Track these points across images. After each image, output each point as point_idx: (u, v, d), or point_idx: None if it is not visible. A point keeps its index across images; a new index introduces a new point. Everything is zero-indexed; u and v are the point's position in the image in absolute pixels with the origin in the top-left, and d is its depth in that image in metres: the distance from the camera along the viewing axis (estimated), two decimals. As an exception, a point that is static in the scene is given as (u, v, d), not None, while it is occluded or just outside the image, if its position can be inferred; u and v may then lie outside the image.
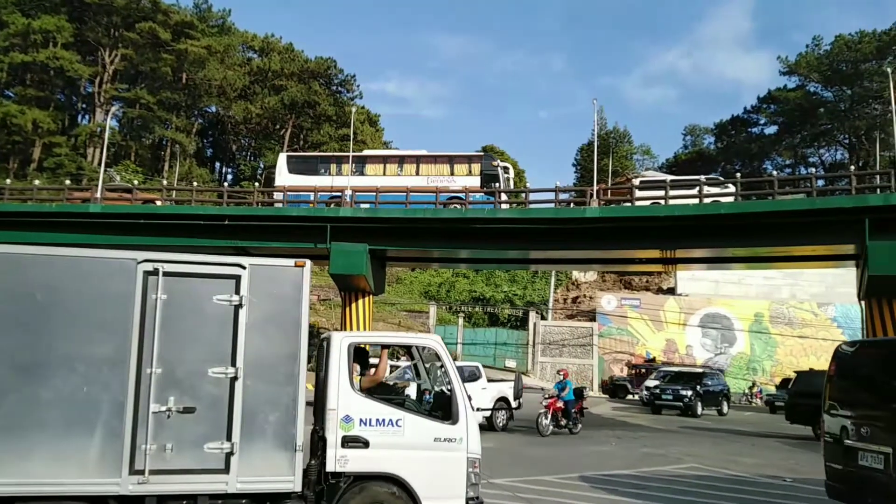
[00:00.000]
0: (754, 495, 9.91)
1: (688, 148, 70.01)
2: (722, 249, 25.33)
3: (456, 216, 26.21)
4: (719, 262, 26.79)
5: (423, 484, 6.15)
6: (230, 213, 27.66)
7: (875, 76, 49.82)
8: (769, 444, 17.32)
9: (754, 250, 25.26)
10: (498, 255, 26.97)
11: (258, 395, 5.84)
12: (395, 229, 26.76)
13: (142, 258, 5.78)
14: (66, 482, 5.39)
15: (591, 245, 25.52)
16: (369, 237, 26.76)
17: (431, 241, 26.61)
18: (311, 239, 27.33)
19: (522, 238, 25.71)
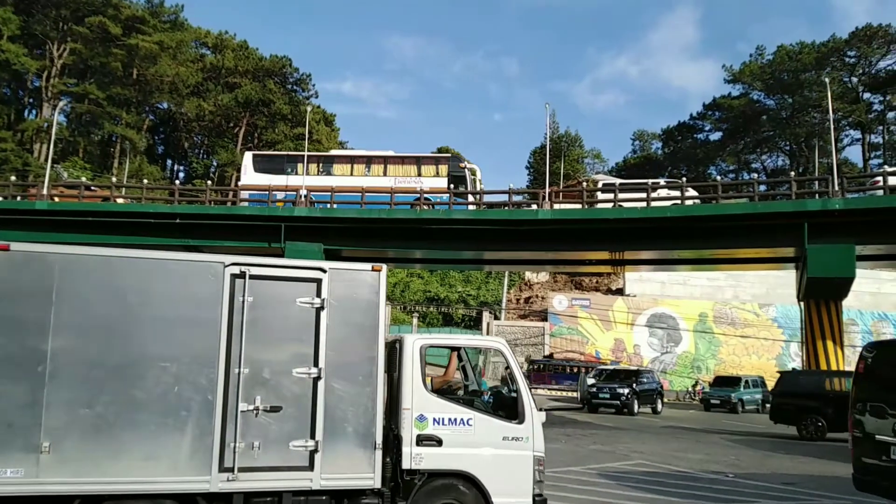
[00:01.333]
0: (700, 490, 10.23)
1: (636, 153, 71.70)
2: (668, 251, 26.07)
3: (410, 216, 26.31)
4: (666, 264, 27.62)
5: (493, 481, 6.30)
6: (182, 212, 27.14)
7: (814, 86, 51.92)
8: (712, 440, 17.89)
9: (699, 252, 26.13)
10: (452, 256, 27.25)
11: (339, 395, 5.98)
12: (350, 229, 26.70)
13: (229, 261, 5.91)
14: (158, 480, 5.47)
15: (543, 246, 25.96)
16: (324, 237, 26.63)
17: (386, 241, 26.63)
18: (265, 238, 27.06)
19: (476, 239, 25.98)
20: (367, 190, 27.70)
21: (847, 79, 55.81)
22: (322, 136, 52.01)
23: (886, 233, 22.54)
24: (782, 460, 13.72)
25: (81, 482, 5.30)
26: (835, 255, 22.40)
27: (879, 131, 57.58)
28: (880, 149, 57.43)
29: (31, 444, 5.21)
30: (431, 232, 26.10)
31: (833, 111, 37.01)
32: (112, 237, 26.09)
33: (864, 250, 23.30)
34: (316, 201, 28.09)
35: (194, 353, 5.69)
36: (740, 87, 60.96)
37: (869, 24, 53.90)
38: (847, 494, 9.52)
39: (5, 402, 5.23)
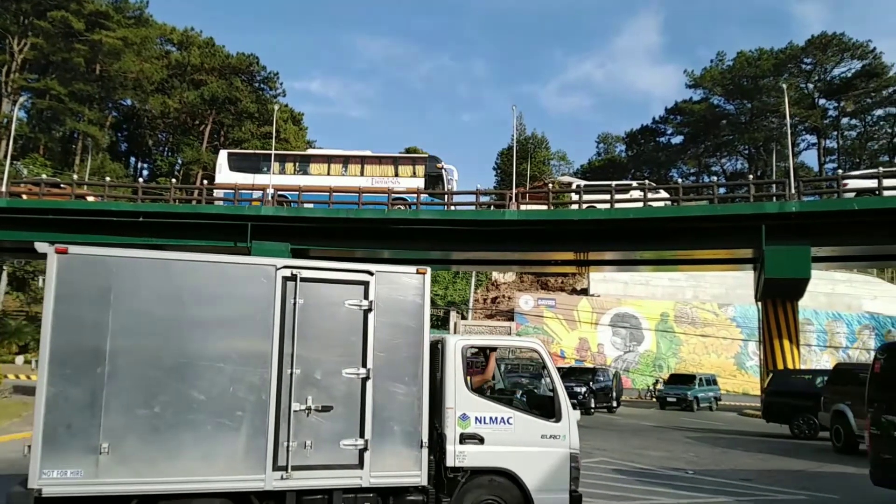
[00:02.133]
0: (661, 486, 10.46)
1: (601, 155, 72.70)
2: (631, 252, 26.57)
3: (377, 217, 26.33)
4: (629, 264, 28.18)
5: (532, 478, 6.46)
6: (145, 210, 26.75)
7: (772, 91, 53.42)
8: (673, 437, 18.26)
9: (661, 253, 26.71)
10: (420, 256, 27.34)
11: (387, 395, 6.09)
12: (318, 229, 26.61)
13: (281, 264, 6.01)
14: (214, 479, 5.53)
15: (510, 247, 26.22)
16: (292, 236, 26.50)
17: (355, 241, 26.59)
18: (231, 237, 26.80)
19: (444, 239, 26.13)
20: (336, 189, 27.65)
21: (804, 85, 57.50)
22: (290, 135, 51.57)
23: (840, 235, 23.37)
24: (740, 457, 14.05)
25: (139, 482, 5.36)
26: (791, 256, 23.14)
27: (834, 136, 59.51)
28: (835, 153, 59.35)
29: (91, 445, 5.25)
30: (399, 232, 26.18)
31: (790, 116, 38.12)
32: (72, 235, 25.54)
33: (819, 252, 24.12)
34: (293, 201, 27.97)
35: (248, 354, 5.78)
36: (701, 92, 62.38)
37: (824, 32, 55.73)
38: (800, 489, 9.85)
39: (65, 403, 5.24)
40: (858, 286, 40.98)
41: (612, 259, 28.29)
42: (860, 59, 55.10)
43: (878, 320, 39.51)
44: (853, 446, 14.70)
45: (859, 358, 36.07)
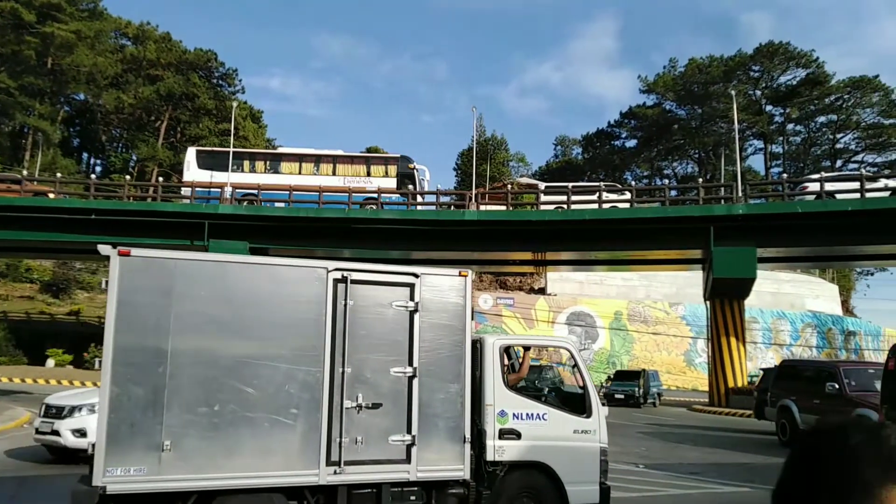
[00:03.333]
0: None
1: (558, 157, 73.81)
2: (587, 252, 27.28)
3: (338, 216, 26.39)
4: (584, 264, 28.88)
5: (566, 471, 6.75)
6: (97, 207, 26.23)
7: (722, 98, 55.05)
8: (625, 432, 18.71)
9: (615, 254, 27.49)
10: (381, 256, 27.54)
11: (432, 392, 6.33)
12: (277, 228, 26.52)
13: (332, 267, 6.21)
14: (271, 474, 5.69)
15: (470, 246, 26.61)
16: (250, 235, 26.35)
17: (315, 240, 26.60)
18: (188, 236, 26.51)
19: (405, 239, 26.36)
20: (296, 188, 27.59)
21: (751, 92, 59.52)
22: (249, 133, 50.84)
23: (784, 236, 24.46)
24: (689, 451, 14.42)
25: (200, 478, 5.47)
26: (738, 256, 24.11)
27: (780, 141, 61.77)
28: (780, 158, 61.65)
29: (154, 442, 5.35)
30: (361, 231, 26.31)
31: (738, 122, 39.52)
32: (18, 233, 25.02)
33: (764, 252, 25.20)
34: (264, 200, 27.78)
35: (302, 354, 5.95)
36: (654, 98, 63.89)
37: (771, 41, 57.82)
38: (746, 482, 10.23)
39: (128, 402, 5.34)
40: (801, 286, 42.70)
41: (569, 259, 28.94)
42: (804, 68, 57.31)
43: (819, 318, 41.29)
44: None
45: (802, 355, 37.64)
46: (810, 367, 16.55)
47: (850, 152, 58.96)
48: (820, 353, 39.21)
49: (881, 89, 55.44)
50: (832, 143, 59.46)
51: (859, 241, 24.47)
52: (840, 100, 56.89)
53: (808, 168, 57.42)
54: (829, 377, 14.53)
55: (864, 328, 44.61)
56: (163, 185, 32.30)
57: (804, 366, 17.02)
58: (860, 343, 42.89)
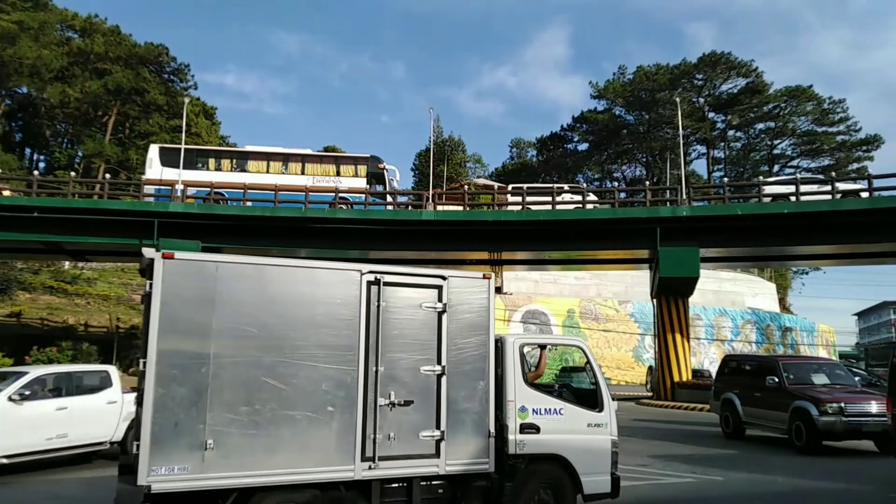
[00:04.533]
0: None
1: (514, 159, 74.85)
2: (541, 252, 27.90)
3: (294, 215, 26.29)
4: (539, 264, 29.54)
5: (581, 462, 7.11)
6: (40, 205, 25.45)
7: (668, 104, 56.94)
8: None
9: (568, 253, 28.24)
10: (338, 255, 27.61)
11: (459, 389, 6.59)
12: (231, 226, 26.22)
13: (366, 269, 6.41)
14: (310, 471, 5.87)
15: (427, 246, 26.91)
16: (203, 234, 25.96)
17: (270, 239, 26.40)
18: (136, 235, 26.02)
19: (362, 238, 26.45)
20: (250, 187, 27.38)
21: (695, 99, 61.67)
22: (202, 130, 49.73)
23: (725, 237, 25.64)
24: (637, 443, 14.59)
25: (242, 475, 5.60)
26: (682, 256, 25.14)
27: (721, 147, 64.19)
28: (722, 163, 64.06)
29: (197, 441, 5.46)
30: (317, 231, 26.27)
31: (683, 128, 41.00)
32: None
33: (707, 252, 26.34)
34: (231, 199, 27.42)
35: (338, 353, 6.14)
36: (605, 103, 65.46)
37: (714, 51, 60.11)
38: (690, 473, 10.70)
39: (172, 402, 5.43)
40: (742, 284, 44.56)
41: (524, 259, 29.51)
42: (745, 77, 59.73)
43: (758, 315, 43.18)
44: (741, 432, 15.44)
45: (743, 350, 39.33)
46: (751, 362, 17.12)
47: (787, 158, 61.75)
48: (759, 348, 41.05)
49: (815, 99, 58.32)
50: (770, 148, 62.10)
51: (795, 241, 25.81)
52: (777, 108, 59.53)
53: (748, 172, 59.83)
54: (770, 371, 14.71)
55: (799, 324, 46.86)
56: (110, 183, 31.51)
57: (746, 360, 17.71)
58: (796, 338, 45.06)
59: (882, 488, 9.80)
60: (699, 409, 22.53)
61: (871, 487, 9.88)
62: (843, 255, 28.65)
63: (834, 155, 58.64)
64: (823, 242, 25.61)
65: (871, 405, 13.01)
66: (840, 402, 12.87)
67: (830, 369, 15.49)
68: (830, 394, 13.40)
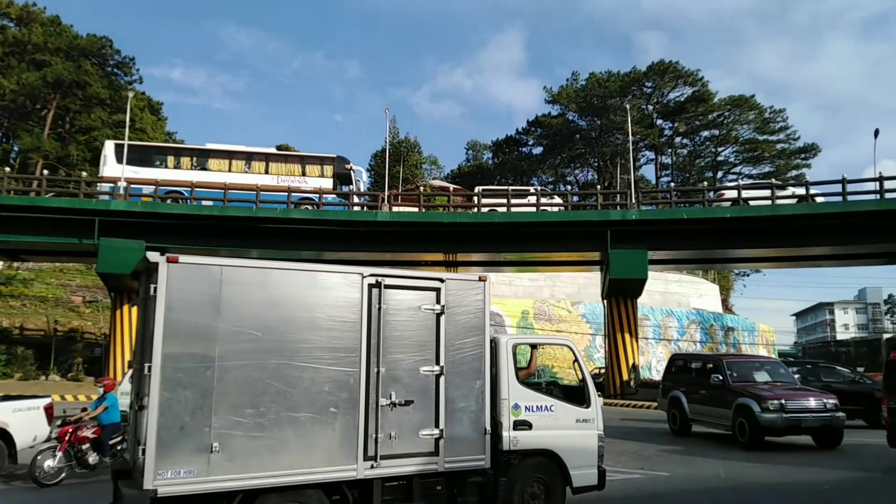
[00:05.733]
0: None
1: (469, 161, 75.15)
2: (496, 254, 28.19)
3: (245, 215, 25.91)
4: (494, 265, 29.79)
5: (570, 456, 7.42)
6: (-30, 202, 24.52)
7: (618, 111, 58.05)
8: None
9: (522, 255, 28.60)
10: (290, 256, 27.35)
11: (456, 389, 6.78)
12: (177, 226, 25.68)
13: (367, 272, 6.54)
14: (314, 471, 5.97)
15: (382, 247, 26.85)
16: (147, 233, 25.38)
17: (219, 239, 25.95)
18: (76, 233, 25.32)
19: (316, 239, 26.21)
20: (198, 185, 26.78)
21: (644, 106, 63.19)
22: (147, 125, 48.24)
23: (671, 240, 26.43)
24: None
25: (247, 477, 5.64)
26: (632, 259, 25.80)
27: (669, 153, 65.93)
28: (669, 168, 65.82)
29: (203, 444, 5.49)
30: (269, 231, 25.94)
31: (632, 134, 41.97)
32: None
33: (654, 255, 27.07)
34: (188, 198, 26.74)
35: (341, 355, 6.23)
36: (558, 108, 66.37)
37: (662, 60, 61.68)
38: (637, 469, 10.96)
39: (177, 406, 5.44)
40: (687, 286, 45.82)
41: (479, 260, 29.74)
42: (691, 86, 61.50)
43: (702, 316, 44.48)
44: (687, 429, 15.84)
45: (688, 349, 40.46)
46: (697, 361, 17.58)
47: (730, 164, 63.84)
48: (703, 347, 42.31)
49: (757, 108, 60.49)
50: (714, 155, 64.08)
51: (736, 245, 26.79)
52: (721, 116, 61.46)
53: (694, 178, 61.66)
54: (714, 369, 15.09)
55: (741, 324, 48.47)
56: (48, 179, 30.35)
57: (692, 359, 18.21)
58: (738, 338, 46.60)
59: (816, 480, 10.25)
60: (647, 406, 23.10)
61: (806, 480, 10.33)
62: (782, 257, 29.81)
63: (774, 162, 60.84)
64: (764, 245, 26.62)
65: (809, 401, 13.57)
66: (781, 399, 13.33)
67: (772, 367, 16.00)
68: (772, 391, 13.88)
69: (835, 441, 13.73)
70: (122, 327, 26.70)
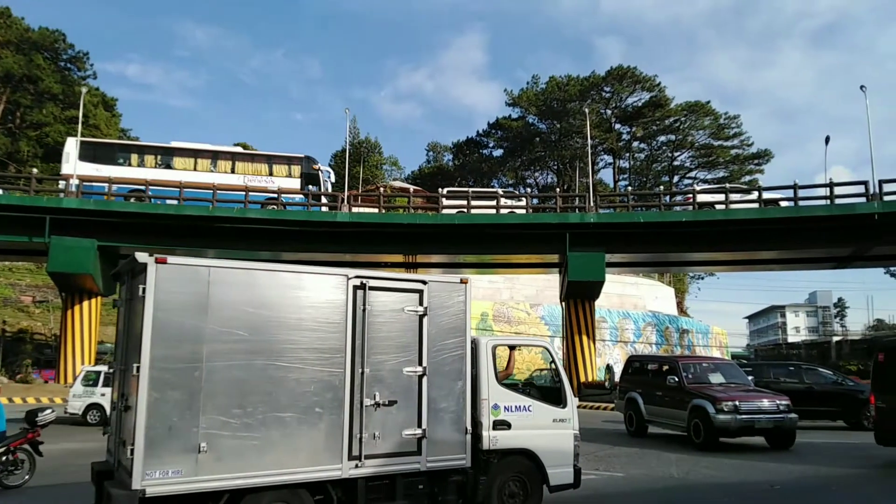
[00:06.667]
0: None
1: (430, 163, 75.22)
2: (455, 255, 28.25)
3: (201, 214, 25.45)
4: (453, 267, 29.81)
5: (547, 455, 7.56)
6: (-85, 199, 23.49)
7: (578, 115, 58.81)
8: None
9: (482, 257, 28.72)
10: (248, 256, 26.93)
11: (438, 389, 6.89)
12: (132, 224, 25.18)
13: (352, 274, 6.61)
14: (299, 470, 6.02)
15: (341, 248, 26.64)
16: (101, 232, 24.87)
17: (175, 238, 25.46)
18: (25, 231, 24.60)
19: (275, 239, 25.88)
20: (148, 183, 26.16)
21: (603, 111, 64.12)
22: (101, 122, 46.85)
23: (628, 243, 26.86)
24: None
25: (234, 477, 5.70)
26: (590, 261, 26.13)
27: (626, 157, 67.08)
28: (627, 172, 66.98)
29: (191, 445, 5.53)
30: (226, 231, 25.52)
31: (591, 138, 42.58)
32: None
33: (612, 258, 27.47)
34: (154, 196, 26.06)
35: (326, 356, 6.30)
36: (519, 111, 66.87)
37: (621, 65, 62.72)
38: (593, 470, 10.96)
39: (165, 406, 5.47)
40: (643, 288, 46.64)
41: (439, 262, 29.75)
42: (649, 91, 62.68)
43: (658, 318, 45.34)
44: (643, 430, 15.99)
45: (644, 350, 41.19)
46: (653, 362, 17.70)
47: (686, 169, 65.29)
48: (659, 349, 43.12)
49: (712, 114, 62.01)
50: (671, 160, 65.45)
51: (691, 248, 27.38)
52: (678, 122, 62.83)
53: (650, 182, 62.84)
54: (671, 371, 15.16)
55: (695, 327, 49.56)
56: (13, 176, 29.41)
57: (648, 361, 18.42)
58: (692, 340, 47.64)
59: (766, 480, 10.51)
60: (603, 408, 23.41)
61: (756, 479, 10.56)
62: (735, 261, 30.59)
63: (728, 167, 62.42)
64: (718, 249, 27.28)
65: (763, 403, 13.83)
66: (735, 401, 13.54)
67: (726, 369, 16.24)
68: (726, 392, 14.08)
69: (787, 442, 13.97)
70: (74, 328, 25.98)
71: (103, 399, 20.09)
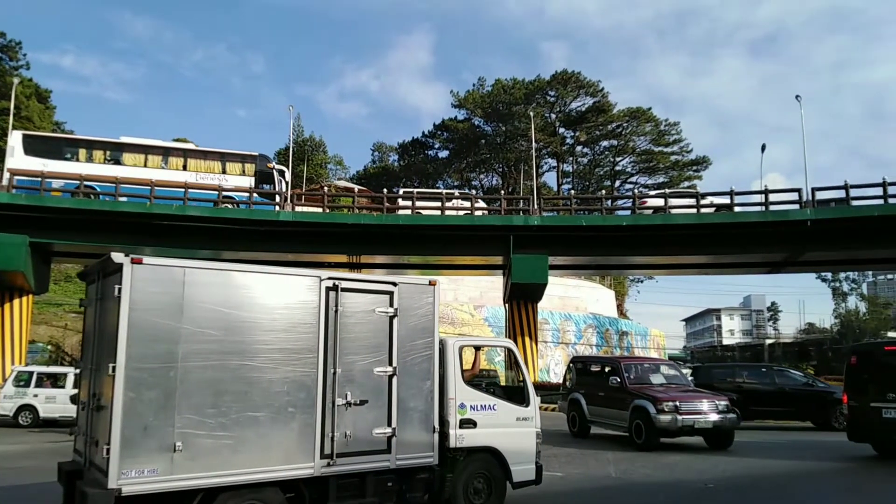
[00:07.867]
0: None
1: (376, 163, 74.76)
2: (400, 256, 28.14)
3: (138, 210, 24.67)
4: (398, 268, 29.70)
5: (510, 453, 7.81)
6: None
7: (523, 118, 59.57)
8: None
9: (426, 258, 28.69)
10: (188, 255, 26.09)
11: (408, 389, 7.09)
12: (66, 220, 24.21)
13: (325, 276, 6.74)
14: (272, 469, 6.11)
15: (284, 247, 26.14)
16: (31, 228, 23.84)
17: (112, 235, 24.56)
18: (-47, 229, 23.22)
19: (215, 237, 25.22)
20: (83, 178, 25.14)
21: (548, 115, 65.15)
22: (34, 114, 44.53)
23: (570, 246, 27.33)
24: None
25: (209, 475, 5.77)
26: (533, 263, 26.44)
27: (570, 161, 68.37)
28: (570, 176, 68.25)
29: (166, 444, 5.59)
30: (165, 228, 24.77)
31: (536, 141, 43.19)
32: None
33: (555, 260, 27.89)
34: (102, 193, 24.90)
35: (300, 356, 6.43)
36: (465, 113, 67.28)
37: (565, 70, 63.88)
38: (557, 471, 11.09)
39: (141, 406, 5.52)
40: (585, 291, 47.65)
41: (383, 262, 29.57)
42: (592, 97, 64.03)
43: (598, 320, 46.38)
44: (586, 431, 16.23)
45: (585, 352, 42.07)
46: (596, 363, 17.87)
47: (627, 174, 67.02)
48: (599, 350, 44.10)
49: (653, 120, 63.83)
50: (613, 165, 67.06)
51: (631, 252, 28.06)
52: (620, 127, 64.40)
53: (593, 186, 64.24)
54: (613, 372, 15.35)
55: (634, 329, 50.92)
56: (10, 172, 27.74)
57: (591, 361, 18.72)
58: (632, 342, 48.92)
59: (702, 479, 10.87)
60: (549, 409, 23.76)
61: (692, 479, 10.90)
62: (673, 265, 31.53)
63: (668, 173, 64.35)
64: (656, 253, 28.04)
65: (703, 403, 14.18)
66: (676, 401, 13.86)
67: (667, 370, 16.64)
68: (667, 393, 14.40)
69: (726, 442, 14.33)
70: (4, 327, 24.80)
71: (36, 400, 19.30)
